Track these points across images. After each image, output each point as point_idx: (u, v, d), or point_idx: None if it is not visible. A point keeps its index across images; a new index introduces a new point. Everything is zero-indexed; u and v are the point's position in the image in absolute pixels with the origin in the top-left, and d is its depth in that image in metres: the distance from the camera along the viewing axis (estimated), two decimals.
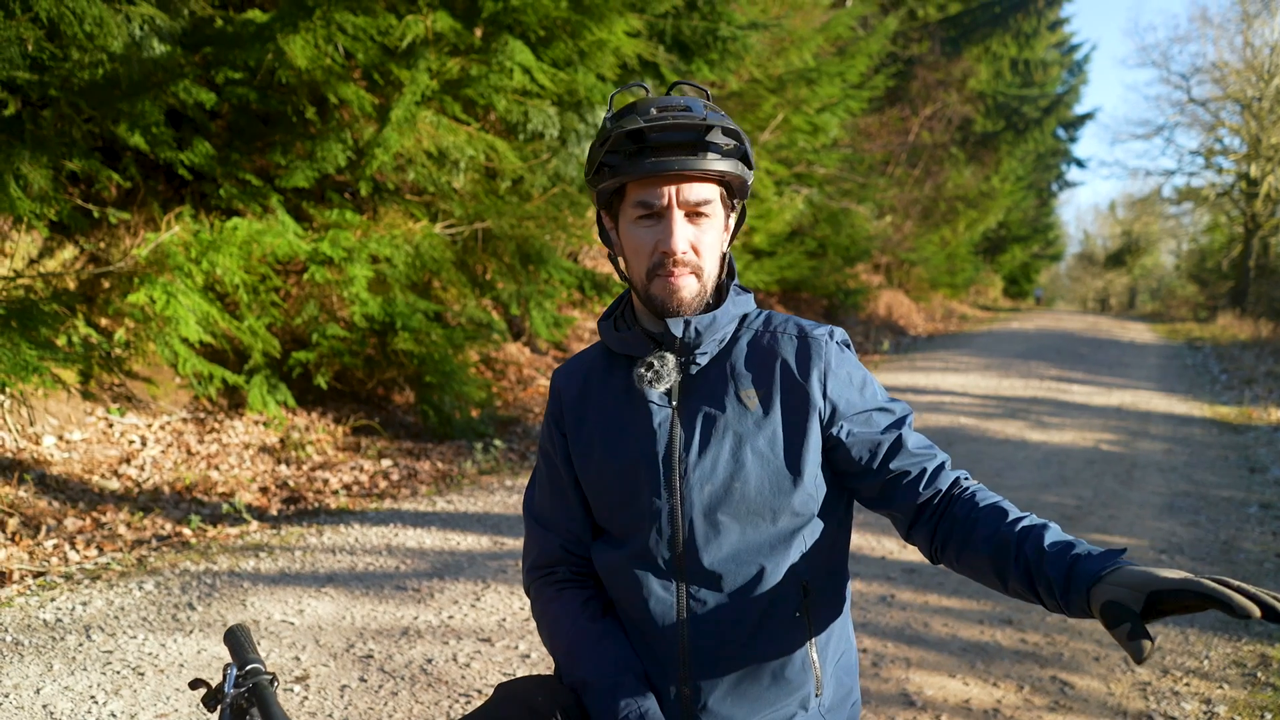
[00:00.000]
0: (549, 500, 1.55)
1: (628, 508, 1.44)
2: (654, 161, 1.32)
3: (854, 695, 1.50)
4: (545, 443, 1.56)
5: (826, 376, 1.42)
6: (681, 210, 1.36)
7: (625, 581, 1.44)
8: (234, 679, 1.25)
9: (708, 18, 8.13)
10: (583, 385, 1.53)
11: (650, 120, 1.33)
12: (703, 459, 1.40)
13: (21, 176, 5.55)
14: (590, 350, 1.58)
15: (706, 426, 1.41)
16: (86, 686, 3.17)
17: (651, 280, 1.40)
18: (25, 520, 4.93)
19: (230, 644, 1.34)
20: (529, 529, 1.57)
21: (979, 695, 3.45)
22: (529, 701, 1.34)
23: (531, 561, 1.55)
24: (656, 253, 1.38)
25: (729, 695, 1.39)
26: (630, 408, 1.46)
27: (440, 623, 3.86)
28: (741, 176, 1.38)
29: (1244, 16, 27.97)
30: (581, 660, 1.40)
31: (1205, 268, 34.98)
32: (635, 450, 1.44)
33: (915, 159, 22.00)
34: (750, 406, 1.41)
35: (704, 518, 1.39)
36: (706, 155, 1.33)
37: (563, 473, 1.52)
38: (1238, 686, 3.57)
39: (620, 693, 1.34)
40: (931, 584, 4.56)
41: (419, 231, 7.12)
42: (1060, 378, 12.63)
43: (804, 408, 1.41)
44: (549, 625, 1.48)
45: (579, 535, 1.53)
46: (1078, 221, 74.85)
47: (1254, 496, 6.47)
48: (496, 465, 6.89)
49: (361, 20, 5.93)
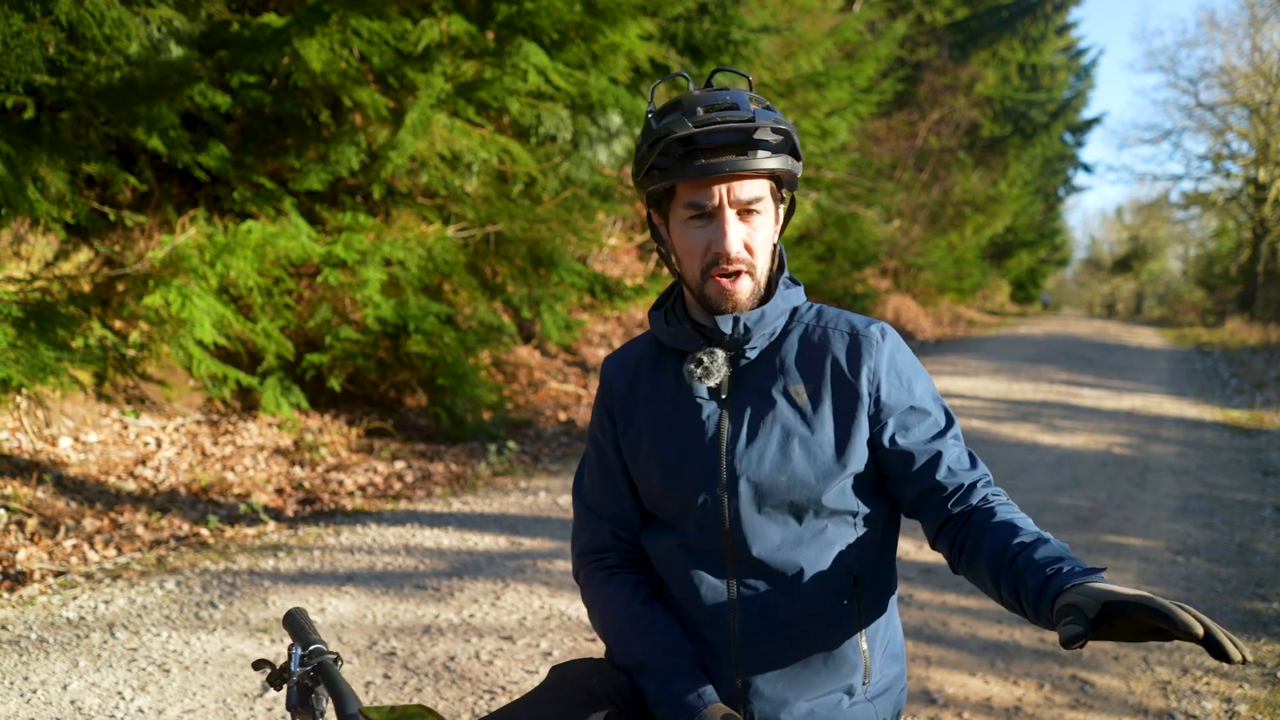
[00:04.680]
0: (599, 486, 1.57)
1: (677, 498, 1.46)
2: (704, 164, 1.33)
3: (900, 682, 1.52)
4: (595, 430, 1.58)
5: (877, 375, 1.44)
6: (733, 209, 1.38)
7: (676, 568, 1.46)
8: (299, 658, 1.28)
9: (719, 21, 8.17)
10: (633, 376, 1.55)
11: (699, 122, 1.34)
12: (750, 451, 1.42)
13: (39, 179, 5.58)
14: (640, 340, 1.60)
15: (755, 420, 1.43)
16: (113, 683, 3.18)
17: (706, 281, 1.42)
18: (44, 520, 4.96)
19: (290, 626, 1.36)
20: (578, 515, 1.59)
21: (1000, 693, 3.45)
22: (584, 684, 1.36)
23: (581, 547, 1.57)
24: (710, 253, 1.40)
25: (780, 680, 1.41)
26: (679, 401, 1.48)
27: (461, 621, 3.87)
28: (791, 171, 1.40)
29: (1252, 21, 27.94)
30: (635, 643, 1.42)
31: (1213, 273, 34.89)
32: (684, 443, 1.46)
33: (923, 163, 22.01)
34: (799, 401, 1.43)
35: (753, 509, 1.41)
36: (756, 154, 1.35)
37: (613, 459, 1.55)
38: (1258, 686, 3.57)
39: (676, 674, 1.36)
40: (949, 584, 4.56)
41: (432, 234, 7.14)
42: (1070, 381, 12.61)
43: (853, 405, 1.43)
44: (601, 610, 1.50)
45: (629, 521, 1.55)
46: (1084, 226, 74.75)
47: (1268, 499, 6.46)
48: (510, 467, 6.90)
49: (377, 25, 5.97)
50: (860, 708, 1.44)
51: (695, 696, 1.33)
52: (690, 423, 1.46)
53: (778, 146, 1.37)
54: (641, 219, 13.27)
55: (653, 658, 1.39)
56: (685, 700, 1.33)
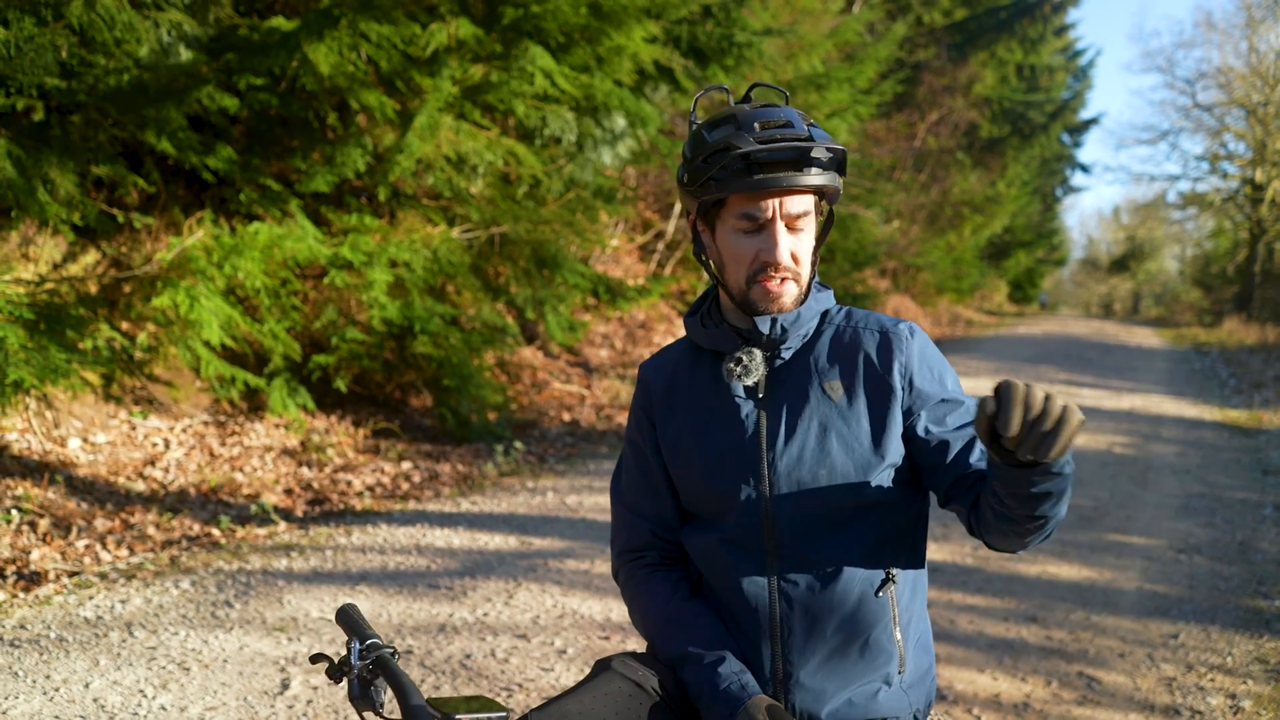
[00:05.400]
0: (638, 486, 1.62)
1: (718, 495, 1.51)
2: (761, 179, 1.39)
3: (931, 672, 1.58)
4: (633, 432, 1.63)
5: (909, 369, 1.50)
6: (783, 222, 1.44)
7: (718, 564, 1.52)
8: (358, 652, 1.32)
9: (723, 24, 8.21)
10: (670, 379, 1.61)
11: (760, 139, 1.40)
12: (789, 447, 1.48)
13: (49, 181, 5.62)
14: (676, 345, 1.66)
15: (792, 417, 1.49)
16: (134, 681, 3.22)
17: (752, 286, 1.48)
18: (56, 521, 5.00)
19: (344, 622, 1.40)
20: (617, 514, 1.64)
21: (1008, 690, 3.50)
22: (630, 676, 1.41)
23: (621, 545, 1.62)
24: (758, 261, 1.46)
25: (819, 670, 1.46)
26: (718, 400, 1.54)
27: (475, 620, 3.91)
28: (836, 187, 1.46)
29: (1249, 22, 28.04)
30: (678, 637, 1.47)
31: (1210, 273, 34.99)
32: (724, 441, 1.51)
33: (922, 164, 22.06)
34: (834, 397, 1.49)
35: (792, 504, 1.47)
36: (809, 171, 1.41)
37: (651, 460, 1.60)
38: (1261, 682, 3.62)
39: (719, 666, 1.41)
40: (955, 582, 4.61)
41: (437, 236, 7.19)
42: (1070, 381, 12.67)
43: (886, 399, 1.49)
44: (641, 606, 1.55)
45: (668, 520, 1.60)
46: (1082, 227, 74.88)
47: (1268, 498, 6.52)
48: (517, 467, 6.95)
49: (386, 29, 6.00)
50: (896, 697, 1.49)
51: (738, 687, 1.38)
52: (730, 421, 1.52)
53: (828, 164, 1.43)
54: (642, 220, 13.32)
55: (695, 651, 1.44)
56: (729, 691, 1.38)
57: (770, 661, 1.47)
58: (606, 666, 1.45)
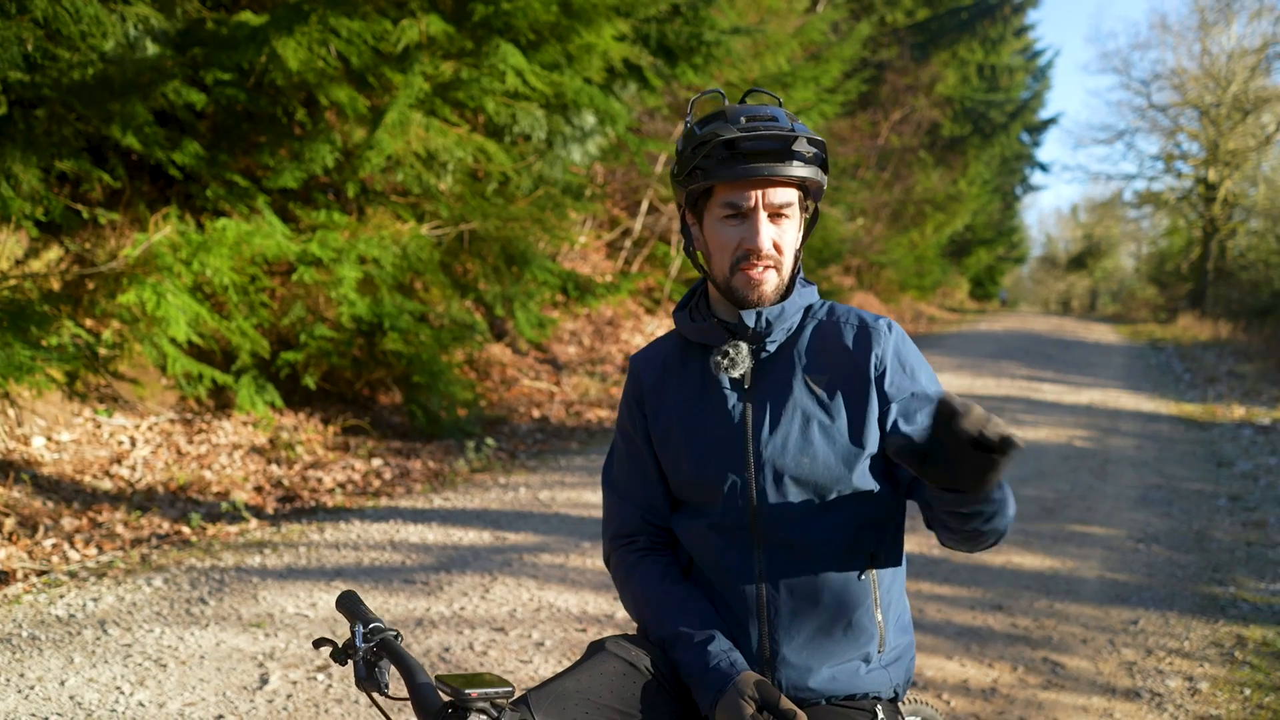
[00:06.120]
0: (629, 474, 1.67)
1: (706, 483, 1.57)
2: (745, 168, 1.46)
3: (910, 652, 1.65)
4: (625, 421, 1.68)
5: (884, 363, 1.56)
6: (766, 212, 1.50)
7: (707, 548, 1.57)
8: (361, 635, 1.35)
9: (691, 22, 8.27)
10: (661, 371, 1.66)
11: (743, 129, 1.46)
12: (774, 437, 1.53)
13: (12, 176, 5.54)
14: (665, 338, 1.71)
15: (776, 408, 1.55)
16: (110, 678, 3.21)
17: (734, 274, 1.53)
18: (22, 520, 4.94)
19: (345, 607, 1.44)
20: (609, 501, 1.69)
21: (976, 675, 3.59)
22: (624, 656, 1.46)
23: (613, 531, 1.67)
24: (741, 249, 1.51)
25: (804, 648, 1.52)
26: (706, 392, 1.59)
27: (452, 614, 3.94)
28: (819, 182, 1.52)
29: (1202, 24, 28.66)
30: (669, 619, 1.53)
31: (1165, 270, 35.70)
32: (712, 430, 1.57)
33: (885, 162, 22.30)
34: (817, 390, 1.55)
35: (776, 490, 1.52)
36: (792, 162, 1.47)
37: (643, 449, 1.65)
38: (1217, 665, 3.74)
39: (709, 645, 1.47)
40: (923, 573, 4.71)
41: (407, 233, 7.17)
42: (1031, 377, 12.91)
43: (864, 391, 1.55)
44: (633, 589, 1.60)
45: (658, 506, 1.65)
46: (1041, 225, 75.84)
47: (1222, 489, 6.71)
48: (488, 464, 6.96)
49: (357, 24, 5.99)
50: (876, 674, 1.56)
51: (727, 665, 1.44)
52: (717, 412, 1.57)
53: (811, 158, 1.49)
54: (610, 217, 13.35)
55: (686, 631, 1.50)
56: (718, 668, 1.43)
57: (757, 641, 1.53)
58: (601, 648, 1.50)
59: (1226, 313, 23.05)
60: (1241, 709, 3.36)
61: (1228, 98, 27.60)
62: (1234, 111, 27.85)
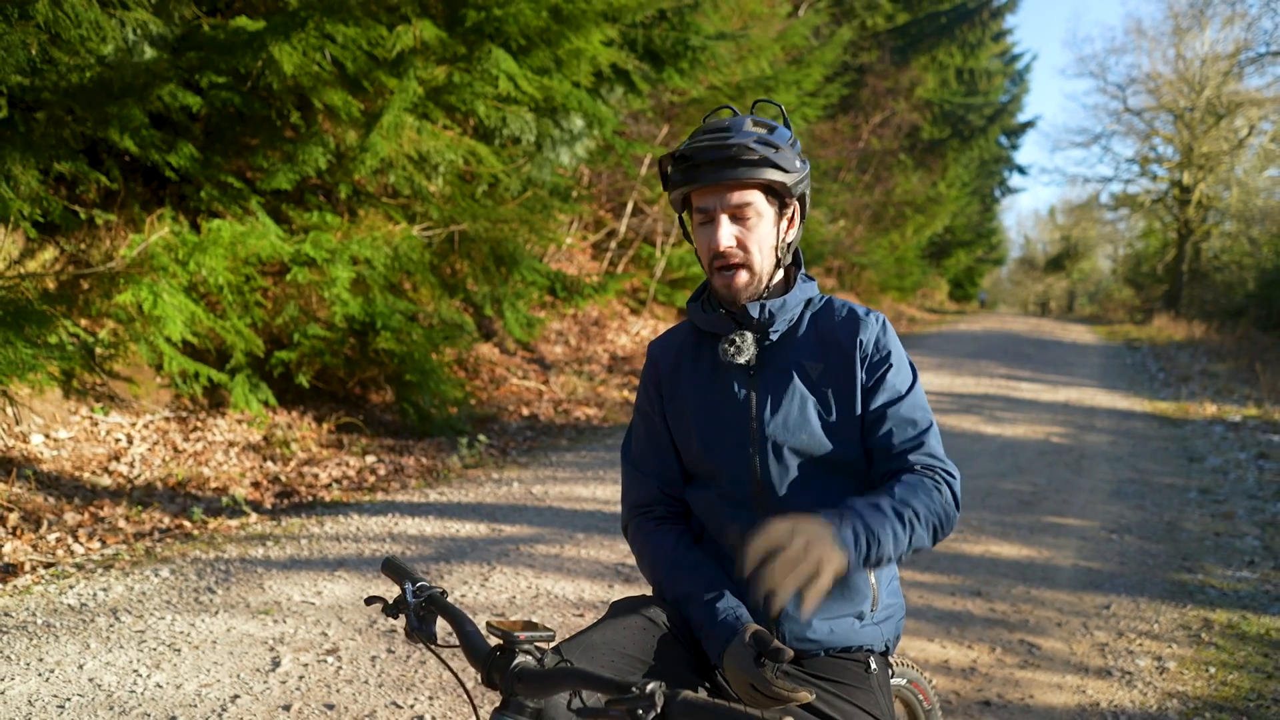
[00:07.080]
0: (647, 450, 1.85)
1: (716, 457, 1.74)
2: (693, 175, 1.65)
3: (900, 612, 1.83)
4: (643, 402, 1.86)
5: (866, 351, 1.74)
6: (725, 214, 1.67)
7: (716, 515, 1.75)
8: (411, 591, 1.50)
9: (678, 28, 8.44)
10: (676, 357, 1.85)
11: (691, 144, 1.65)
12: (775, 417, 1.71)
13: (12, 177, 5.63)
14: (680, 327, 1.90)
15: (778, 390, 1.72)
16: (127, 662, 3.33)
17: (713, 275, 1.73)
18: (25, 515, 5.03)
19: (392, 570, 1.59)
20: (628, 475, 1.86)
21: (956, 656, 3.77)
22: (642, 611, 1.62)
23: (632, 501, 1.84)
24: (711, 250, 1.70)
25: None
26: (715, 377, 1.77)
27: (453, 601, 4.06)
28: (780, 181, 1.66)
29: (1176, 30, 29.13)
30: (682, 579, 1.70)
31: (1140, 272, 36.24)
32: (721, 411, 1.75)
33: (865, 165, 22.57)
34: (813, 374, 1.73)
35: (777, 463, 1.70)
36: (736, 168, 1.63)
37: (659, 426, 1.83)
38: (1185, 645, 3.93)
39: (718, 602, 1.64)
40: (906, 561, 4.87)
41: (398, 234, 7.29)
42: (1009, 376, 13.15)
43: (851, 375, 1.73)
44: (650, 554, 1.77)
45: (673, 478, 1.83)
46: (1019, 227, 76.71)
47: (1193, 483, 6.94)
48: (480, 460, 7.09)
49: (352, 30, 6.11)
50: (870, 629, 1.75)
51: (734, 619, 1.60)
52: (725, 394, 1.75)
53: (755, 162, 1.64)
54: (596, 219, 13.51)
55: (697, 591, 1.66)
56: (725, 622, 1.60)
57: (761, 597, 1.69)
58: (623, 606, 1.68)
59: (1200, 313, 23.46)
60: (1206, 686, 3.55)
61: (1201, 102, 28.07)
62: (1208, 115, 28.33)
